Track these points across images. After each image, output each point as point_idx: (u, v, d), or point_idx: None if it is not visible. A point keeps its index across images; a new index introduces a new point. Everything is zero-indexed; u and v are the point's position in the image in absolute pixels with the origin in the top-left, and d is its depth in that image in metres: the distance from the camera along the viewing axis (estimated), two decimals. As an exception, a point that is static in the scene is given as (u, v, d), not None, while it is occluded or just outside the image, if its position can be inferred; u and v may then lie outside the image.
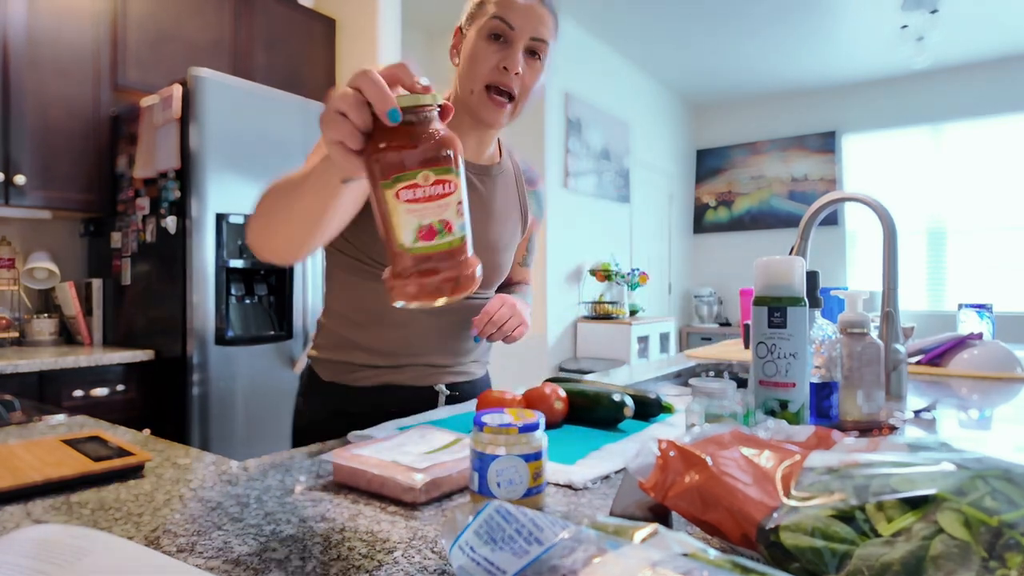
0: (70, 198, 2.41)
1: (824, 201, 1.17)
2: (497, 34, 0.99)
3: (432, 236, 0.54)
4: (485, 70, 0.99)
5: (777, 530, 0.42)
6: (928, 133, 5.54)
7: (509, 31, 0.98)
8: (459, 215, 0.55)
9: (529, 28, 0.99)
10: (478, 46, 1.00)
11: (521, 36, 0.99)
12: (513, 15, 0.98)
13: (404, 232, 0.53)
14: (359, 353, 1.10)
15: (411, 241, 0.53)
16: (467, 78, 1.01)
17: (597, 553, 0.37)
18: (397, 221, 0.53)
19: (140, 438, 0.91)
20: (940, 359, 1.56)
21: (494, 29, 0.99)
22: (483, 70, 0.99)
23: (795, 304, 0.76)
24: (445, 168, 0.53)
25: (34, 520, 0.59)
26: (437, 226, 0.54)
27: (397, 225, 0.53)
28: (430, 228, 0.54)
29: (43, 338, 2.47)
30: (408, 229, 0.53)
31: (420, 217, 0.53)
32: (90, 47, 2.43)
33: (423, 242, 0.54)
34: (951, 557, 0.38)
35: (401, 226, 0.53)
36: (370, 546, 0.53)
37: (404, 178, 0.52)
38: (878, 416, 0.83)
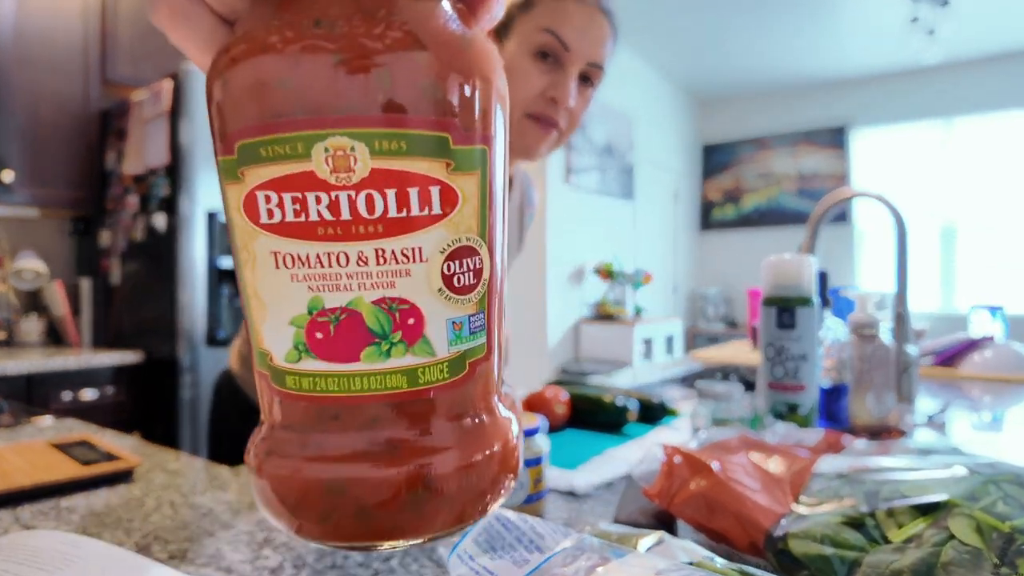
0: (59, 195, 2.38)
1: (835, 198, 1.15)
2: (547, 53, 0.80)
3: (365, 340, 0.22)
4: (528, 96, 0.80)
5: (786, 537, 0.41)
6: (939, 128, 5.40)
7: (563, 51, 0.79)
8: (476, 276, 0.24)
9: (587, 50, 0.80)
10: (521, 63, 0.80)
11: (576, 60, 0.80)
12: (570, 32, 0.78)
13: (273, 321, 0.23)
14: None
15: (292, 346, 0.23)
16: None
17: (600, 562, 0.36)
18: (257, 286, 0.23)
19: (129, 442, 0.90)
20: (952, 361, 1.55)
21: (544, 47, 0.79)
22: (526, 95, 0.80)
23: (804, 304, 0.75)
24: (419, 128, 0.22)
25: (23, 525, 0.58)
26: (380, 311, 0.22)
27: (257, 301, 0.23)
28: (349, 314, 0.22)
29: (31, 339, 2.44)
30: (282, 313, 0.23)
31: (319, 277, 0.22)
32: (79, 41, 2.40)
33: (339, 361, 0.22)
34: (962, 563, 0.37)
35: (268, 303, 0.23)
36: (366, 554, 0.52)
37: (270, 154, 0.21)
38: (889, 419, 0.82)
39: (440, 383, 0.23)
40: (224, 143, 0.22)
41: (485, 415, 0.25)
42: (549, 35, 0.78)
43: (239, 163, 0.22)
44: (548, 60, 0.80)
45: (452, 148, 0.22)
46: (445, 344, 0.23)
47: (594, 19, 0.80)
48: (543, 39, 0.79)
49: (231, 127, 0.22)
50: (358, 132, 0.21)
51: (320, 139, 0.20)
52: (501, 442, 0.25)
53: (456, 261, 0.23)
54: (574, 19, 0.79)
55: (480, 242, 0.24)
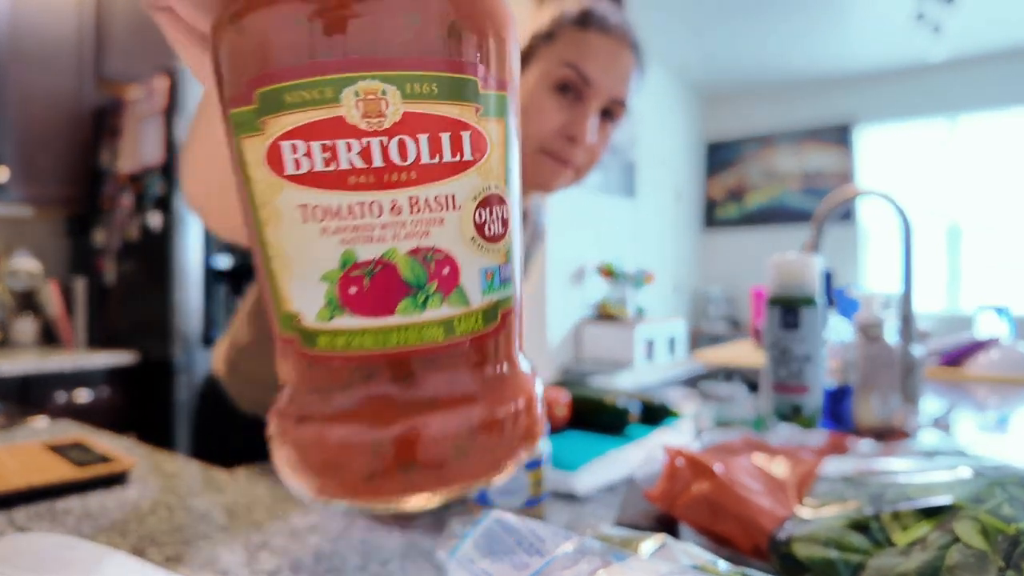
0: (52, 194, 2.37)
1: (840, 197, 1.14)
2: (567, 87, 0.76)
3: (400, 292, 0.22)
4: (544, 131, 0.76)
5: (790, 541, 0.41)
6: (945, 125, 5.37)
7: (584, 87, 0.75)
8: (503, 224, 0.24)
9: (610, 86, 0.76)
10: (539, 97, 0.75)
11: (598, 96, 0.76)
12: (592, 67, 0.74)
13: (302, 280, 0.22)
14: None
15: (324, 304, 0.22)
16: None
17: (602, 565, 0.36)
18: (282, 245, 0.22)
19: (125, 444, 0.89)
20: (958, 362, 1.55)
21: (564, 80, 0.75)
22: (542, 130, 0.76)
23: (809, 304, 0.75)
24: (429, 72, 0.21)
25: (17, 528, 0.57)
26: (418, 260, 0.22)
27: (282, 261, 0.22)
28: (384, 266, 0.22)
29: (25, 340, 2.43)
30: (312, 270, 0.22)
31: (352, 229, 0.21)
32: (73, 38, 2.38)
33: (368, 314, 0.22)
34: (967, 567, 0.37)
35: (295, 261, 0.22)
36: (364, 557, 0.51)
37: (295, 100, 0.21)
38: (894, 421, 0.81)
39: (476, 333, 0.23)
40: (239, 93, 0.21)
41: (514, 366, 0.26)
42: (570, 69, 0.74)
43: (259, 112, 0.21)
44: (568, 95, 0.76)
45: (480, 93, 0.22)
46: (479, 293, 0.23)
47: (619, 54, 0.76)
48: (563, 73, 0.75)
49: (248, 74, 0.21)
50: (389, 75, 0.20)
51: (350, 83, 0.20)
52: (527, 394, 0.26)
53: (487, 209, 0.23)
54: (598, 53, 0.75)
55: (506, 191, 0.24)
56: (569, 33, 0.76)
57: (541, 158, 0.77)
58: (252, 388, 0.94)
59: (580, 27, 0.75)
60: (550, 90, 0.76)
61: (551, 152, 0.77)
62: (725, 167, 6.47)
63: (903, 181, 5.54)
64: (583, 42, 0.75)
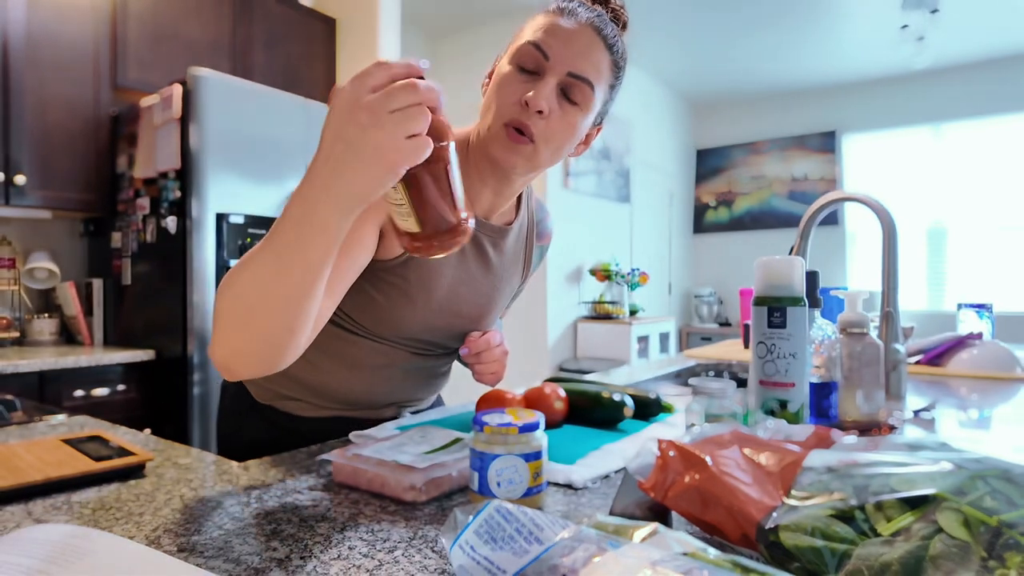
0: (70, 198, 2.41)
1: (824, 201, 1.17)
2: (527, 65, 0.79)
3: (454, 203, 0.57)
4: (504, 104, 0.79)
5: (777, 530, 0.42)
6: (928, 133, 5.54)
7: (543, 60, 0.78)
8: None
9: (568, 60, 0.78)
10: (504, 76, 0.80)
11: (555, 68, 0.78)
12: (551, 41, 0.78)
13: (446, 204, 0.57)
14: (307, 392, 0.97)
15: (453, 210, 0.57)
16: (486, 113, 0.82)
17: (597, 552, 0.37)
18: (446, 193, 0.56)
19: (141, 438, 0.91)
20: (940, 359, 1.56)
21: (525, 56, 0.79)
22: (502, 103, 0.79)
23: (795, 304, 0.77)
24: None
25: (35, 520, 0.59)
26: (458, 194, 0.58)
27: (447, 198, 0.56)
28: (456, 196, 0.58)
29: (44, 338, 2.47)
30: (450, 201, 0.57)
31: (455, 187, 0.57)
32: (90, 46, 2.43)
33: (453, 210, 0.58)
34: (950, 557, 0.38)
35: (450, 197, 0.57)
36: (370, 545, 0.53)
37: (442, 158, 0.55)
38: (877, 416, 0.83)
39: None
40: None
41: None
42: (531, 45, 0.79)
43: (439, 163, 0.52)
44: (530, 72, 0.79)
45: None
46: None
47: (581, 33, 0.79)
48: (525, 50, 0.79)
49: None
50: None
51: None
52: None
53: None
54: (557, 31, 0.78)
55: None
56: (533, 19, 0.81)
57: (502, 131, 0.79)
58: (265, 380, 0.98)
59: (545, 14, 0.81)
60: (514, 68, 0.80)
61: (510, 121, 0.79)
62: (715, 173, 6.61)
63: (887, 186, 5.66)
64: (545, 24, 0.79)
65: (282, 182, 2.43)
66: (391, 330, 0.90)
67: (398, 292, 0.86)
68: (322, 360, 0.93)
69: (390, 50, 3.24)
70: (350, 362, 0.93)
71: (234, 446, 1.01)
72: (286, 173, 2.45)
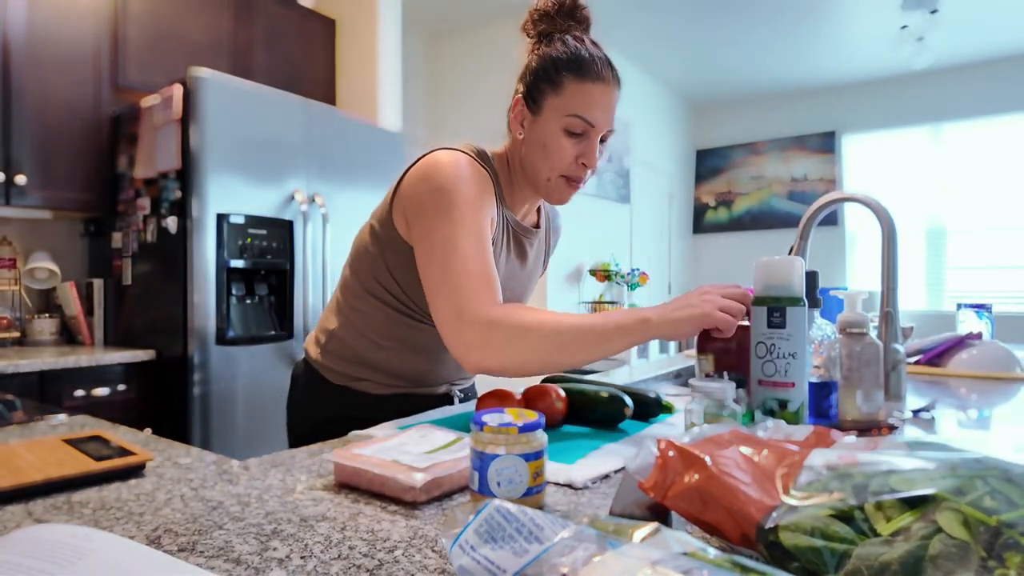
0: (71, 198, 2.41)
1: (823, 201, 1.17)
2: (576, 131, 0.98)
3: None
4: (564, 164, 1.00)
5: (776, 530, 0.42)
6: (928, 133, 5.55)
7: (588, 128, 0.98)
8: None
9: (606, 123, 0.99)
10: (556, 138, 0.99)
11: (599, 132, 0.99)
12: (594, 113, 0.97)
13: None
14: (371, 371, 1.11)
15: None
16: (543, 167, 1.01)
17: (597, 552, 0.37)
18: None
19: (141, 437, 0.91)
20: (939, 359, 1.56)
21: (573, 127, 0.98)
22: (562, 164, 1.00)
23: (794, 304, 0.77)
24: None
25: (35, 520, 0.59)
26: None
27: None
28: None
29: (44, 338, 2.47)
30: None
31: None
32: (90, 47, 2.43)
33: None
34: (950, 557, 0.38)
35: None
36: (371, 545, 0.53)
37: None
38: (877, 416, 0.83)
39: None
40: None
41: None
42: (578, 119, 0.97)
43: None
44: (577, 134, 0.99)
45: None
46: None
47: (611, 97, 0.98)
48: (574, 122, 0.97)
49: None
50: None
51: None
52: None
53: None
54: (597, 101, 0.97)
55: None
56: (571, 85, 0.97)
57: (561, 181, 1.01)
58: (339, 363, 1.12)
59: (579, 79, 0.97)
60: (563, 133, 0.98)
61: (568, 176, 1.01)
62: (715, 173, 6.64)
63: (887, 186, 5.70)
64: (584, 94, 0.97)
65: (282, 182, 2.43)
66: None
67: None
68: (393, 344, 1.09)
69: (390, 51, 3.25)
70: (413, 345, 1.09)
71: (309, 426, 1.14)
72: (286, 173, 2.45)
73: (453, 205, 0.93)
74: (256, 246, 2.33)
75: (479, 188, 0.97)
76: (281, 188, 2.43)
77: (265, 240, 2.37)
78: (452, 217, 0.93)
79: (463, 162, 0.98)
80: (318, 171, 2.58)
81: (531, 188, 1.06)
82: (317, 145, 2.57)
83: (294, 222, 2.48)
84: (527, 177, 1.04)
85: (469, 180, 0.96)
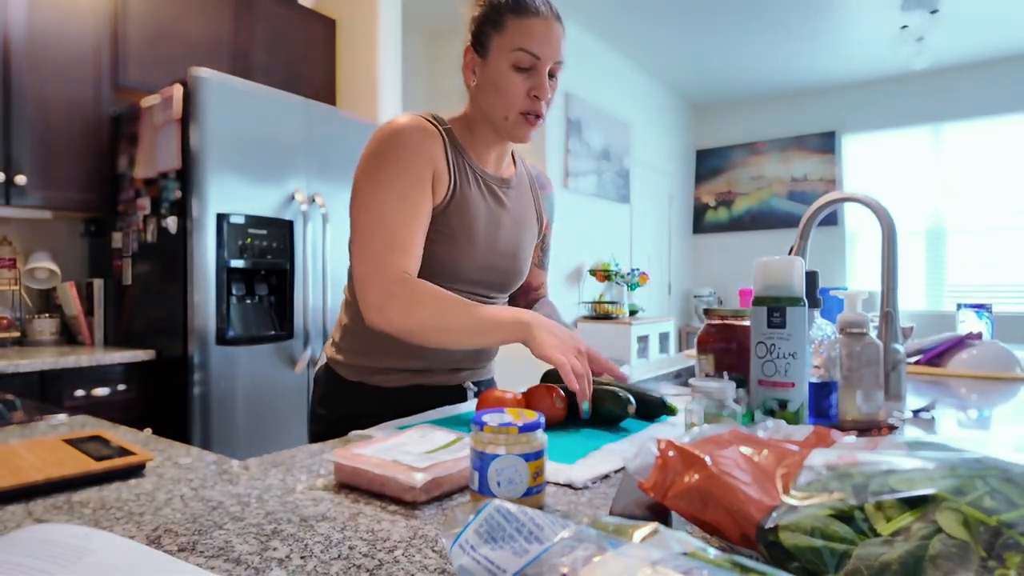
0: (71, 198, 2.41)
1: (823, 201, 1.17)
2: (524, 66, 1.02)
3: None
4: (518, 100, 1.03)
5: (776, 530, 0.42)
6: (928, 133, 5.55)
7: (535, 61, 1.02)
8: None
9: (552, 54, 1.02)
10: (506, 76, 1.03)
11: (546, 64, 1.02)
12: (538, 45, 1.01)
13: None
14: (388, 358, 1.12)
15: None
16: (499, 106, 1.04)
17: (597, 552, 0.37)
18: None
19: (141, 437, 0.91)
20: (939, 359, 1.56)
21: (520, 61, 1.02)
22: (515, 100, 1.03)
23: (794, 304, 0.77)
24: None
25: (35, 519, 0.59)
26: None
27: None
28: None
29: (44, 338, 2.47)
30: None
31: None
32: (91, 47, 2.43)
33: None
34: (950, 557, 0.38)
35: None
36: (371, 545, 0.53)
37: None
38: (877, 416, 0.83)
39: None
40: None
41: None
42: (523, 53, 1.01)
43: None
44: (525, 69, 1.02)
45: None
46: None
47: (552, 28, 1.03)
48: (519, 56, 1.01)
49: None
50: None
51: None
52: None
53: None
54: (539, 34, 1.01)
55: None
56: (512, 22, 1.01)
57: (520, 119, 1.05)
58: (354, 357, 1.14)
59: (519, 15, 1.01)
60: (512, 70, 1.02)
61: (525, 111, 1.04)
62: (714, 173, 6.64)
63: (887, 186, 5.71)
64: (526, 28, 1.01)
65: (282, 182, 2.43)
66: (450, 276, 1.09)
67: (445, 238, 1.07)
68: None
69: (390, 51, 3.24)
70: None
71: (330, 421, 1.15)
72: (286, 173, 2.45)
73: (381, 167, 1.01)
74: (256, 246, 2.33)
75: (413, 147, 1.02)
76: (281, 188, 2.43)
77: (265, 240, 2.37)
78: (378, 179, 1.00)
79: (401, 123, 1.03)
80: (318, 171, 2.58)
81: (494, 133, 1.08)
82: (317, 145, 2.57)
83: (294, 222, 2.48)
84: (488, 123, 1.07)
85: (402, 141, 1.02)
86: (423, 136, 1.03)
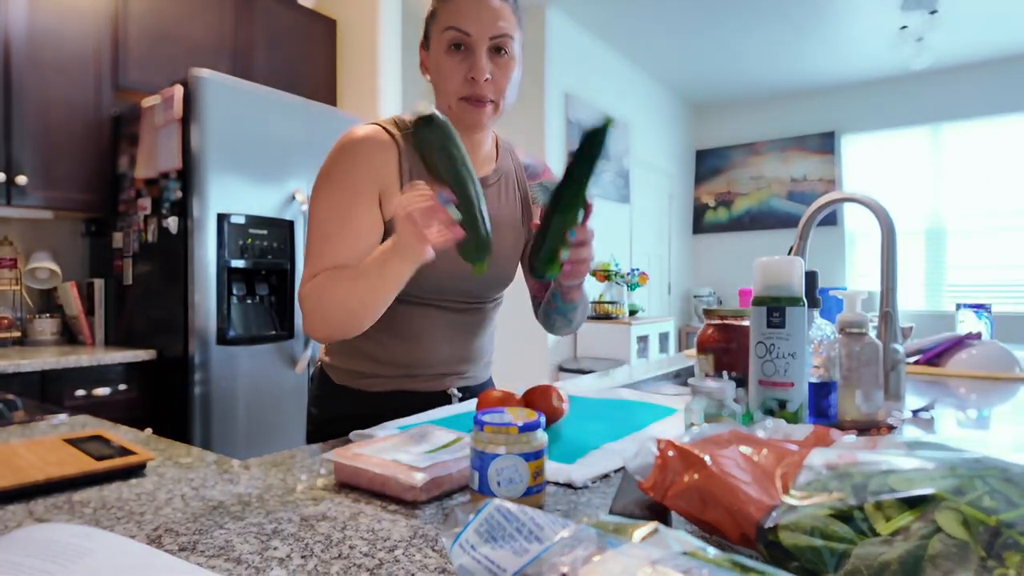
0: (72, 198, 2.41)
1: (823, 201, 1.17)
2: (456, 44, 0.97)
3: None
4: (454, 84, 0.98)
5: (776, 529, 0.42)
6: (927, 133, 5.55)
7: (466, 38, 0.96)
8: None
9: (485, 29, 0.96)
10: (443, 61, 0.98)
11: (480, 40, 0.96)
12: (465, 21, 0.96)
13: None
14: (371, 363, 1.12)
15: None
16: (441, 94, 1.00)
17: (597, 551, 0.37)
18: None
19: (142, 437, 0.91)
20: (938, 359, 1.56)
21: (451, 40, 0.97)
22: (452, 85, 0.98)
23: (794, 304, 0.77)
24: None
25: (36, 519, 0.59)
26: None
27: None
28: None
29: (45, 338, 2.47)
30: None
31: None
32: (91, 47, 2.43)
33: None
34: (949, 556, 0.38)
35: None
36: (371, 544, 0.53)
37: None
38: (876, 416, 0.83)
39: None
40: None
41: None
42: (452, 30, 0.96)
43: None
44: (461, 50, 0.97)
45: None
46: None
47: (484, 4, 0.96)
48: (449, 35, 0.97)
49: None
50: None
51: None
52: None
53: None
54: (467, 10, 0.96)
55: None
56: (441, 6, 0.98)
57: (463, 104, 0.99)
58: (342, 359, 1.14)
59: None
60: (446, 52, 0.98)
61: (466, 96, 0.98)
62: (714, 174, 6.65)
63: (886, 186, 5.70)
64: (453, 7, 0.97)
65: (283, 182, 2.44)
66: (420, 287, 1.05)
67: None
68: (382, 336, 1.10)
69: (390, 51, 3.25)
70: (396, 331, 1.10)
71: (320, 422, 1.16)
72: (287, 173, 2.45)
73: (327, 178, 1.00)
74: (257, 246, 2.34)
75: (354, 161, 1.00)
76: (282, 188, 2.43)
77: (266, 240, 2.37)
78: (318, 192, 1.00)
79: (351, 136, 1.01)
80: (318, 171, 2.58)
81: (455, 123, 1.01)
82: (318, 145, 2.57)
83: (295, 222, 2.48)
84: (448, 114, 1.01)
85: (345, 155, 1.00)
86: (370, 149, 1.00)
